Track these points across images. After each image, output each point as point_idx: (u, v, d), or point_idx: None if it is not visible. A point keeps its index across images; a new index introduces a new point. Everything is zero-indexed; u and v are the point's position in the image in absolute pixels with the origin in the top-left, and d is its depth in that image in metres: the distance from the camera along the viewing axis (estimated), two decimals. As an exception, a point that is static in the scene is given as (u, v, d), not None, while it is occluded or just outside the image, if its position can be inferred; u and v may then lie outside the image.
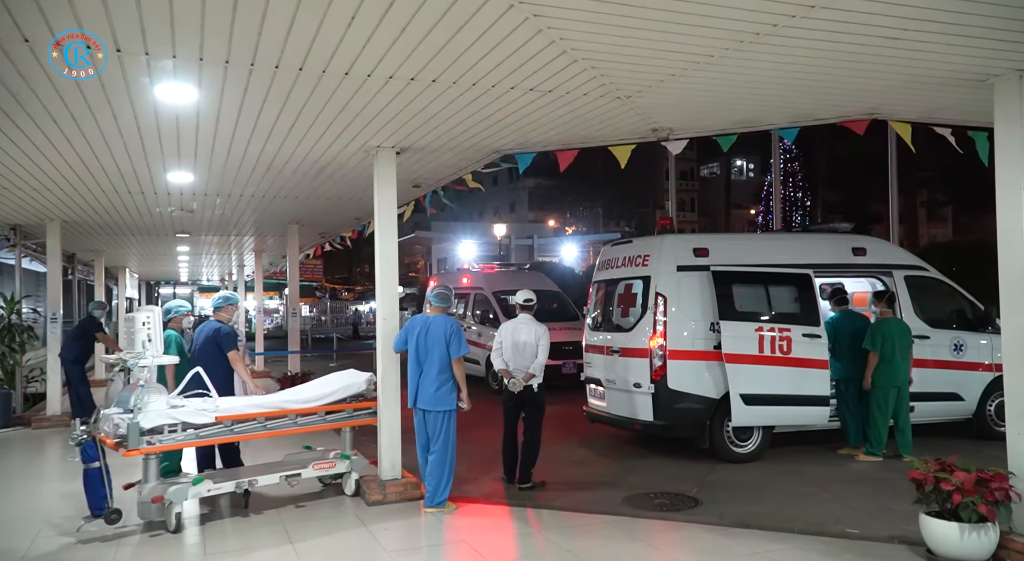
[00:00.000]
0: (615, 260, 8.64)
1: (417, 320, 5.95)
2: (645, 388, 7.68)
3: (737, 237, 9.36)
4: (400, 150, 6.16)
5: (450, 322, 5.95)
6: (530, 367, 6.59)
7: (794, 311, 7.97)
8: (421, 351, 5.80)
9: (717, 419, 7.65)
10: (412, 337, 5.84)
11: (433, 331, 5.82)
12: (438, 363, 5.76)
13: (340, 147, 6.13)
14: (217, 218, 10.39)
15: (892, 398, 7.65)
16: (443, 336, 5.80)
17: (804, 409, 7.77)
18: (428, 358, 5.77)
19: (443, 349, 5.78)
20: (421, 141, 6.03)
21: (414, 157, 6.59)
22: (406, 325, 5.96)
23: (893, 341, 7.66)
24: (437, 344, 5.77)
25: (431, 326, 5.86)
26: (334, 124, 5.44)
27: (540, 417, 6.76)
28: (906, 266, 8.65)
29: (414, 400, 5.79)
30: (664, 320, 7.67)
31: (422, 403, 5.77)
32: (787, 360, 7.72)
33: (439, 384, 5.79)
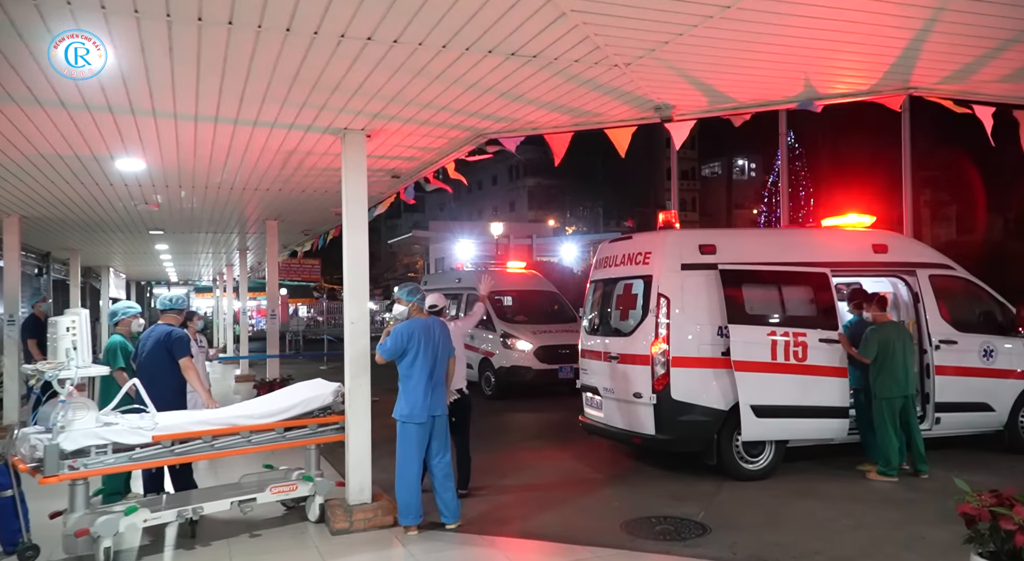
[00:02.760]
0: (613, 258, 7.93)
1: (416, 325, 5.29)
2: (646, 398, 6.97)
3: (747, 233, 8.65)
4: (370, 132, 5.47)
5: (442, 323, 5.62)
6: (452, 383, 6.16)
7: (810, 314, 7.27)
8: (431, 357, 5.29)
9: (725, 433, 6.94)
10: (417, 343, 5.24)
11: (441, 334, 5.44)
12: (443, 366, 5.45)
13: (302, 130, 5.43)
14: (188, 213, 9.71)
15: (896, 410, 6.94)
16: (447, 338, 5.49)
17: (821, 421, 7.06)
18: (440, 363, 5.39)
19: (443, 351, 5.45)
20: (392, 122, 5.34)
21: (388, 142, 5.89)
22: (401, 331, 5.27)
23: (892, 347, 6.96)
24: (446, 346, 5.45)
25: (435, 329, 5.43)
26: (289, 102, 4.76)
27: (468, 422, 6.56)
28: (931, 265, 7.93)
29: (428, 409, 5.21)
30: (667, 323, 6.97)
31: (437, 409, 5.30)
32: (802, 368, 7.01)
33: (443, 387, 5.48)
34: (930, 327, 7.64)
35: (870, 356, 6.97)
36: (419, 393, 5.14)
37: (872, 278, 7.94)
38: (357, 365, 5.44)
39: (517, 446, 9.04)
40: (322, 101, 4.76)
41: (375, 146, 5.99)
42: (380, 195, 8.55)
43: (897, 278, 7.87)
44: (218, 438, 4.92)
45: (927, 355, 7.64)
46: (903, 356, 6.98)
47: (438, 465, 5.29)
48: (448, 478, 5.34)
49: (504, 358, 12.90)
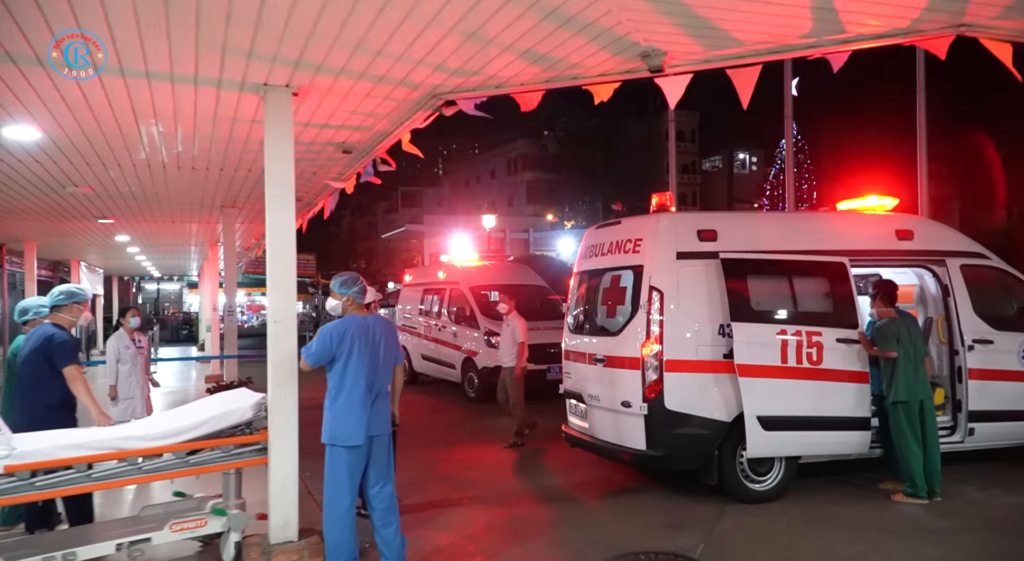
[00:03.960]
0: (600, 246, 6.95)
1: (351, 324, 4.31)
2: (636, 408, 6.01)
3: (753, 217, 7.68)
4: (297, 89, 4.49)
5: (389, 322, 4.67)
6: None
7: (826, 310, 6.29)
8: (372, 363, 4.30)
9: (728, 448, 5.98)
10: (349, 347, 4.23)
11: (383, 335, 4.42)
12: (387, 374, 4.47)
13: (212, 86, 4.45)
14: (131, 199, 8.73)
15: (915, 417, 6.01)
16: (387, 340, 4.46)
17: (839, 435, 6.10)
18: (383, 371, 4.40)
19: (389, 355, 4.46)
20: (322, 76, 4.35)
21: (326, 104, 4.91)
22: (331, 331, 4.30)
23: (904, 344, 6.02)
24: (391, 351, 4.47)
25: (376, 329, 4.40)
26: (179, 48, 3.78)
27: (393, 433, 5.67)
28: (962, 253, 6.95)
29: (365, 428, 4.20)
30: (660, 321, 5.99)
31: (377, 427, 4.30)
32: (817, 372, 6.04)
33: (387, 401, 4.48)
34: (962, 324, 6.67)
35: (892, 349, 6.01)
36: (353, 408, 4.17)
37: (895, 269, 6.96)
38: (282, 372, 4.47)
39: (495, 457, 8.08)
40: (215, 47, 3.78)
41: (311, 109, 5.01)
42: (339, 176, 7.57)
43: (924, 269, 6.89)
44: (97, 466, 3.94)
45: (958, 356, 6.67)
46: (915, 353, 6.03)
47: (378, 495, 4.32)
48: (391, 511, 4.37)
49: (488, 358, 11.93)
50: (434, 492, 6.67)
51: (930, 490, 5.99)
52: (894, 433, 6.09)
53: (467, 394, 12.52)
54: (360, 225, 78.56)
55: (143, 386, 7.21)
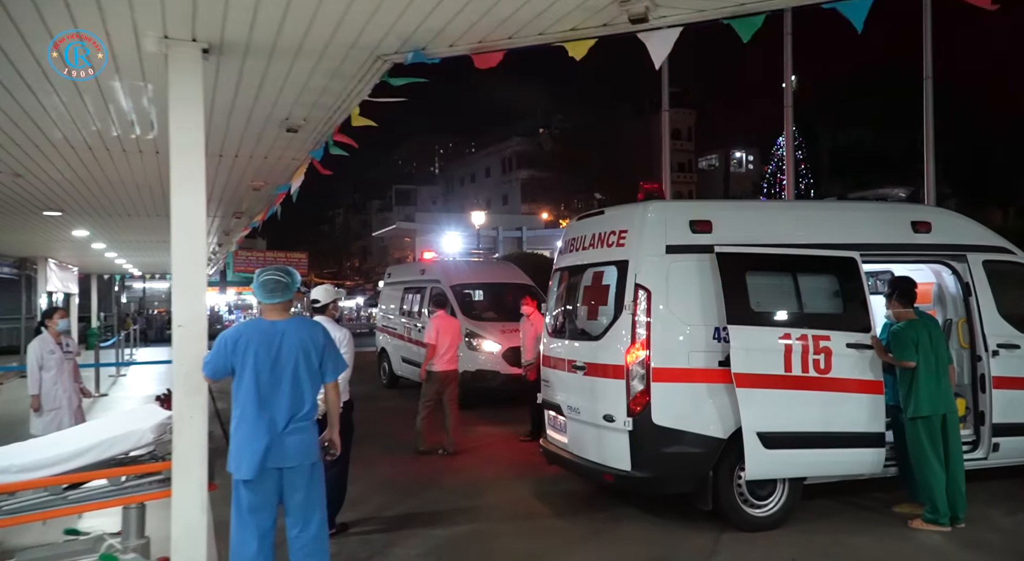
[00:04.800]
0: (581, 239, 6.21)
1: (249, 330, 3.56)
2: (619, 423, 5.27)
3: (753, 206, 6.93)
4: (208, 46, 3.73)
5: (316, 328, 3.76)
6: None
7: (834, 311, 5.57)
8: (273, 379, 3.49)
9: (724, 468, 5.25)
10: (243, 357, 3.47)
11: (290, 345, 3.56)
12: (305, 393, 3.58)
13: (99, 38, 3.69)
14: (69, 189, 7.95)
15: (936, 433, 5.31)
16: (311, 350, 3.60)
17: (849, 453, 5.38)
18: (283, 389, 3.52)
19: (311, 371, 3.59)
20: (239, 29, 3.61)
21: (247, 66, 4.14)
22: (226, 338, 3.56)
23: (925, 351, 5.31)
24: (301, 364, 3.56)
25: (288, 337, 3.56)
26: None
27: (347, 447, 5.21)
28: (985, 247, 6.23)
29: (261, 459, 3.41)
30: (647, 323, 5.26)
31: (281, 458, 3.47)
32: (825, 382, 5.32)
33: (308, 424, 3.61)
34: (985, 327, 5.96)
35: (910, 357, 5.29)
36: (242, 434, 3.42)
37: (911, 265, 6.23)
38: (188, 387, 3.72)
39: (467, 471, 7.35)
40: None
41: (233, 74, 4.25)
42: (293, 162, 6.81)
43: (942, 265, 6.17)
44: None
45: (981, 363, 5.95)
46: (937, 361, 5.31)
47: (296, 540, 3.55)
48: (315, 556, 3.62)
49: (469, 361, 11.19)
50: (395, 511, 5.95)
51: (953, 515, 5.28)
52: (912, 451, 5.37)
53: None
54: (354, 223, 77.80)
55: (72, 396, 6.46)
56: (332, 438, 3.78)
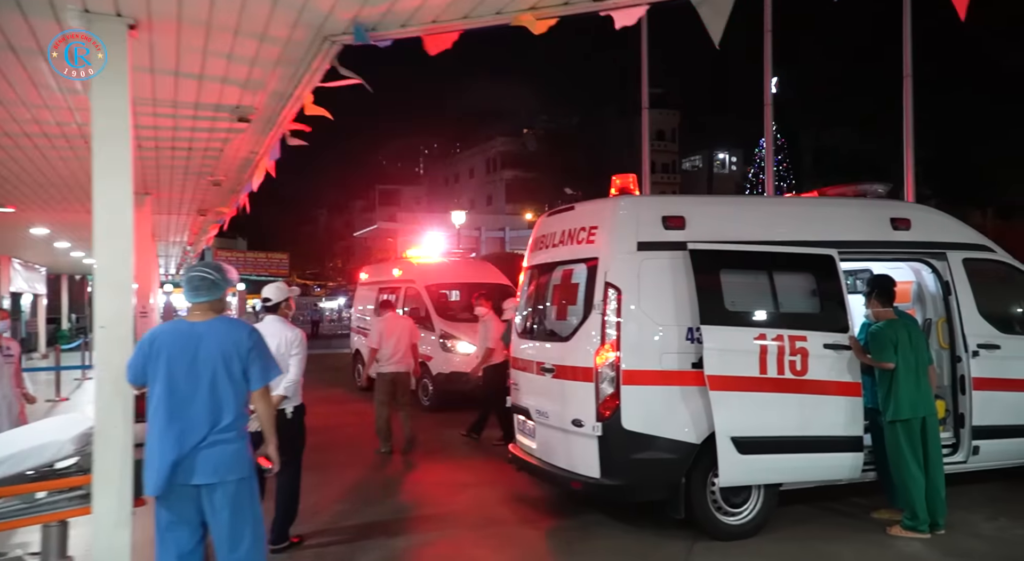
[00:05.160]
0: (551, 236, 5.97)
1: (164, 332, 3.24)
2: (588, 428, 5.04)
3: (728, 201, 6.72)
4: (135, 21, 3.45)
5: (240, 330, 3.31)
6: (280, 387, 4.85)
7: (811, 310, 5.37)
8: (187, 386, 3.15)
9: (698, 475, 5.03)
10: (157, 362, 3.16)
11: (209, 349, 3.19)
12: (225, 403, 3.18)
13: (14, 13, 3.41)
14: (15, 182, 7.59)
15: (916, 437, 5.11)
16: (232, 355, 3.20)
17: (827, 457, 5.18)
18: (199, 397, 3.16)
19: (233, 378, 3.20)
20: (166, 2, 3.32)
21: (183, 44, 3.86)
22: (143, 341, 3.25)
23: (904, 352, 5.11)
24: (220, 371, 3.18)
25: (203, 341, 3.20)
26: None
27: (298, 455, 5.04)
28: (965, 245, 6.06)
29: (168, 475, 3.09)
30: (617, 323, 5.03)
31: (194, 474, 3.12)
32: (801, 384, 5.12)
33: (231, 437, 3.20)
34: (965, 327, 5.79)
35: (889, 359, 5.10)
36: (151, 448, 3.11)
37: (890, 262, 6.06)
38: (110, 395, 3.42)
39: (435, 477, 7.08)
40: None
41: (169, 54, 3.97)
42: (252, 156, 6.52)
43: (922, 263, 5.99)
44: None
45: (961, 364, 5.78)
46: (916, 362, 5.12)
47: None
48: None
49: (443, 363, 10.93)
50: (356, 520, 5.67)
51: (933, 522, 5.09)
52: (891, 455, 5.19)
53: (421, 402, 11.49)
54: (337, 224, 77.18)
55: (12, 402, 6.11)
56: (268, 453, 3.44)
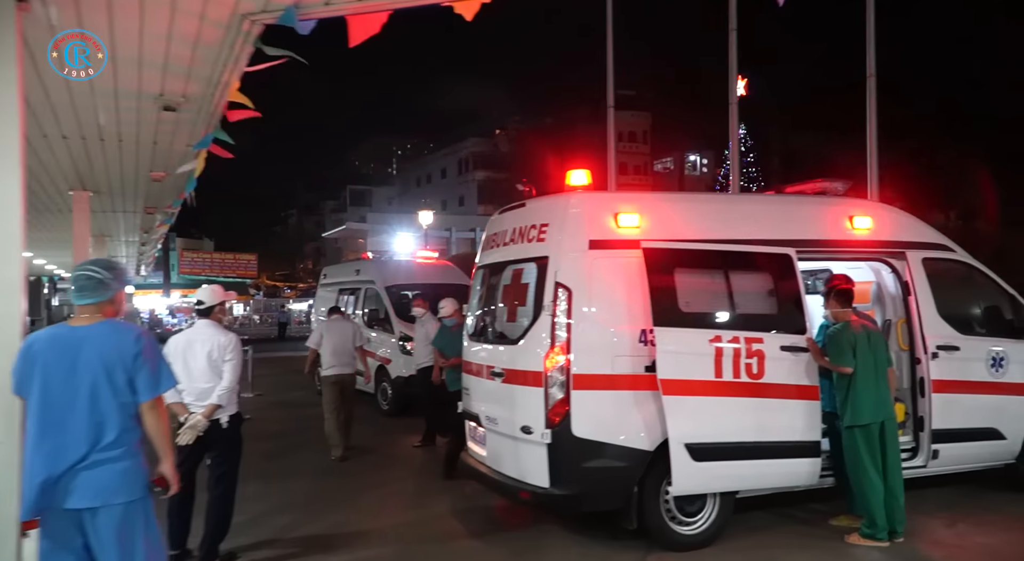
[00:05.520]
0: (503, 234, 5.73)
1: (42, 338, 2.88)
2: (537, 435, 4.80)
3: (685, 198, 6.54)
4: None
5: (126, 335, 2.90)
6: (213, 396, 4.63)
7: (768, 311, 5.21)
8: (60, 397, 2.78)
9: (651, 483, 4.82)
10: (32, 371, 2.81)
11: (89, 358, 2.81)
12: (108, 418, 2.80)
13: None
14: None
15: (875, 442, 4.96)
16: (115, 364, 2.83)
17: (784, 463, 5.02)
18: (77, 411, 2.78)
19: (116, 389, 2.82)
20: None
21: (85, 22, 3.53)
22: (22, 350, 2.90)
23: (863, 354, 4.97)
24: (102, 381, 2.81)
25: (83, 348, 2.82)
26: None
27: (234, 466, 4.83)
28: (925, 245, 5.96)
29: (38, 498, 2.74)
30: (567, 325, 4.81)
31: (71, 497, 2.74)
32: (758, 388, 4.95)
33: (117, 455, 2.81)
34: (924, 328, 5.67)
35: (847, 363, 4.95)
36: (25, 467, 2.79)
37: (849, 261, 5.92)
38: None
39: (387, 487, 6.79)
40: None
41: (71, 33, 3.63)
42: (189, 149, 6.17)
43: (881, 262, 5.87)
44: None
45: (920, 366, 5.66)
46: (875, 365, 4.98)
47: None
48: None
49: (403, 366, 10.62)
50: (297, 533, 5.36)
51: (891, 529, 4.95)
52: (849, 461, 5.03)
53: (381, 407, 11.19)
54: (308, 224, 76.14)
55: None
56: (163, 473, 3.07)
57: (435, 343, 7.60)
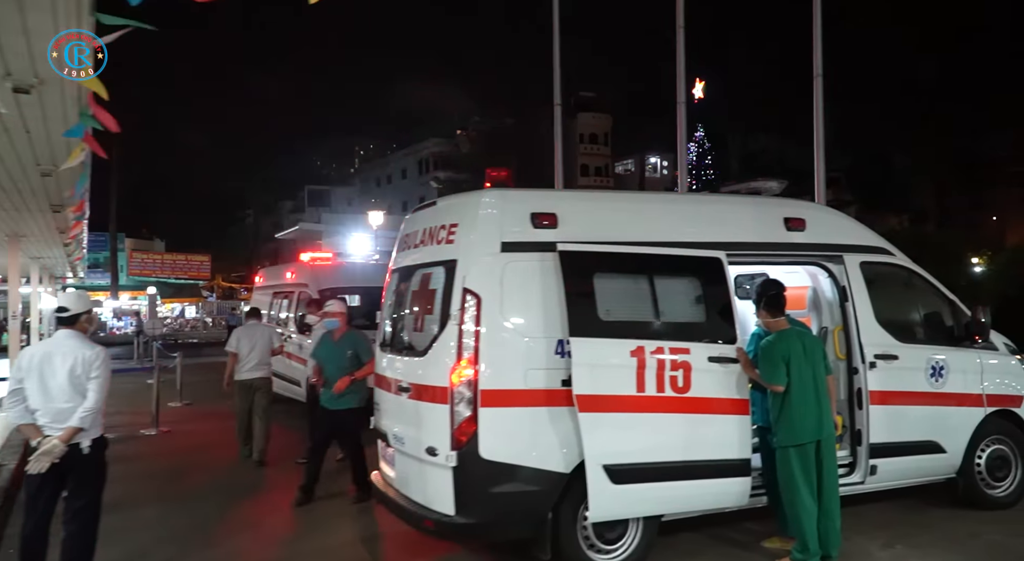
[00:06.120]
0: (414, 235, 5.26)
1: None
2: (442, 457, 4.34)
3: (608, 197, 6.12)
4: None
5: None
6: (75, 418, 4.07)
7: (696, 319, 4.83)
8: None
9: (567, 508, 4.41)
10: None
11: None
12: None
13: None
14: None
15: (810, 462, 4.59)
16: None
17: (712, 484, 4.65)
18: None
19: None
20: None
21: None
22: None
23: (799, 368, 4.59)
24: None
25: None
26: None
27: (95, 499, 4.28)
28: (863, 248, 5.66)
29: None
30: (476, 333, 4.36)
31: None
32: (684, 403, 4.57)
33: None
34: (862, 336, 5.37)
35: (779, 381, 4.58)
36: None
37: (784, 265, 5.60)
38: None
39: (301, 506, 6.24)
40: None
41: None
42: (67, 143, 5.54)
43: (818, 266, 5.55)
44: None
45: (858, 376, 5.36)
46: (814, 378, 4.63)
47: None
48: None
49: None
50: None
51: (825, 553, 4.61)
52: (782, 482, 4.67)
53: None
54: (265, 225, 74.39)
55: None
56: None
57: (313, 354, 6.60)
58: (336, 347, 6.32)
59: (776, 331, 4.77)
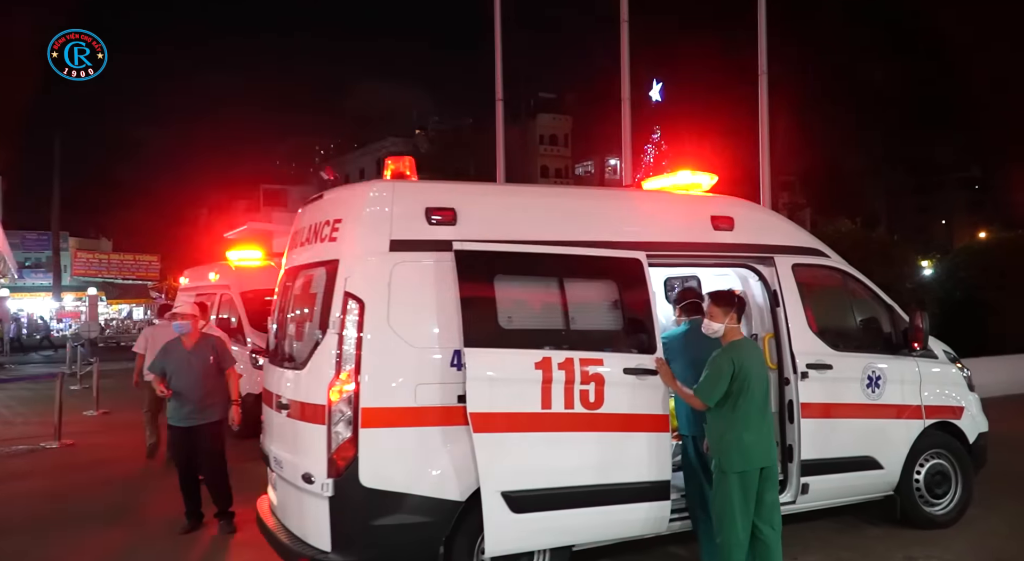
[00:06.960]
0: (303, 231, 4.68)
1: None
2: (318, 485, 3.79)
3: (513, 191, 5.59)
4: None
5: None
6: None
7: (611, 327, 4.37)
8: None
9: (462, 541, 3.90)
10: None
11: None
12: None
13: None
14: None
15: (751, 490, 4.07)
16: None
17: (625, 509, 4.19)
18: None
19: None
20: None
21: None
22: None
23: (750, 384, 4.07)
24: None
25: None
26: None
27: None
28: (795, 249, 5.27)
29: None
30: (358, 342, 3.82)
31: None
32: (595, 420, 4.10)
33: None
34: (794, 344, 4.96)
35: (713, 398, 4.09)
36: None
37: (710, 267, 5.18)
38: None
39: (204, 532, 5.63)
40: None
41: None
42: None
43: (747, 269, 5.14)
44: None
45: (789, 387, 4.95)
46: (763, 398, 4.18)
47: None
48: None
49: (253, 381, 9.37)
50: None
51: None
52: (717, 511, 4.12)
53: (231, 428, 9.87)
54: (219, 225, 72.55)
55: None
56: None
57: (153, 366, 5.72)
58: (191, 355, 5.58)
59: (733, 340, 4.23)
